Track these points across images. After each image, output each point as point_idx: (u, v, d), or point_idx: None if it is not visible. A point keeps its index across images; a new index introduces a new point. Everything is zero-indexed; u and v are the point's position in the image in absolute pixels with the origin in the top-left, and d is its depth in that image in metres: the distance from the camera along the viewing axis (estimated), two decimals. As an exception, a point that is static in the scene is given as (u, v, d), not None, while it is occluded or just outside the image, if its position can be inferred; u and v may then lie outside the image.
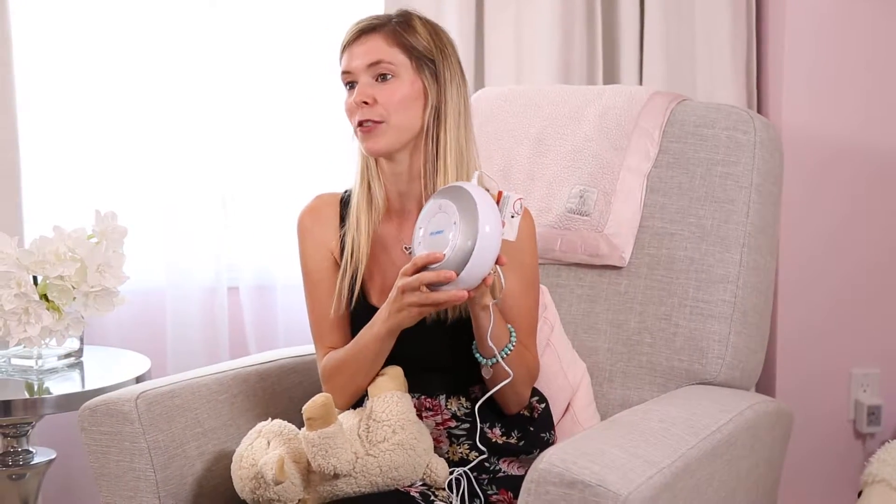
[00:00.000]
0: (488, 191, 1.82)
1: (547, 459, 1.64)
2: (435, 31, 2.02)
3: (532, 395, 2.05)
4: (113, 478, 2.01)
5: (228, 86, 2.97)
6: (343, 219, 2.09)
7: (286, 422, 1.97)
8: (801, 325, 2.92)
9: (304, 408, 1.85)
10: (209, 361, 2.90)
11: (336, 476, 1.87)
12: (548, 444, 2.04)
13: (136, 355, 2.66)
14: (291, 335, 2.98)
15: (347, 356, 1.99)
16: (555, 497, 1.61)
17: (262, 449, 1.90)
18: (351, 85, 1.99)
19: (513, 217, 1.83)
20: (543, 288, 2.21)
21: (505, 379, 1.92)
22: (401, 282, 1.82)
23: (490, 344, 1.87)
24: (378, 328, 1.91)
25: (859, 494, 2.40)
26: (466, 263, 1.74)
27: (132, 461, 1.99)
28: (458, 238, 1.75)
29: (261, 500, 1.89)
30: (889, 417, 3.04)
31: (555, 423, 2.13)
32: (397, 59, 1.97)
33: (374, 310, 1.98)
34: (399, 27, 1.98)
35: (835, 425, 2.98)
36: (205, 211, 2.95)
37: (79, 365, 2.50)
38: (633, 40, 2.98)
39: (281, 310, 3.01)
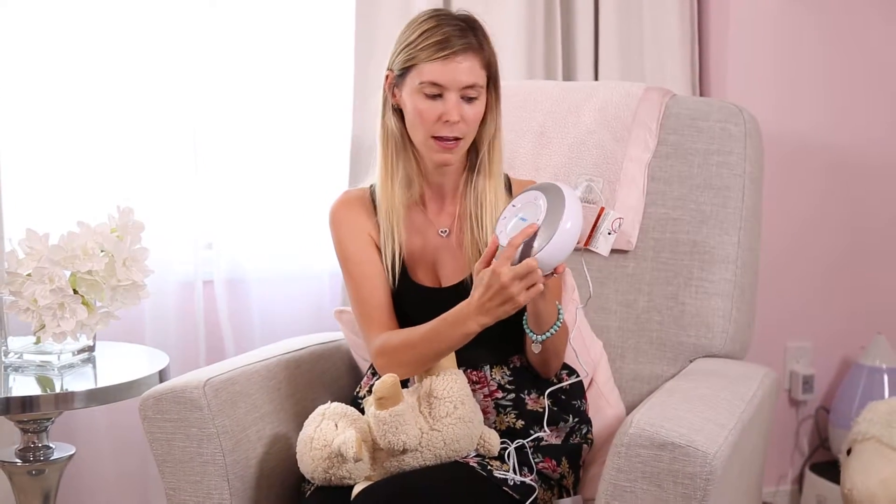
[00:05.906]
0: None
1: (635, 424, 1.77)
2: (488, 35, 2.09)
3: (563, 369, 2.20)
4: (178, 464, 2.05)
5: (212, 80, 2.97)
6: (376, 207, 2.16)
7: (345, 404, 2.06)
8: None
9: (374, 388, 1.94)
10: (186, 355, 2.93)
11: (404, 451, 1.97)
12: (579, 411, 2.19)
13: (143, 348, 2.68)
14: (266, 327, 3.03)
15: (419, 339, 2.02)
16: (646, 458, 1.75)
17: (332, 430, 1.98)
18: (435, 95, 2.02)
19: (609, 234, 1.93)
20: (567, 269, 2.33)
21: (558, 349, 2.08)
22: (508, 274, 1.85)
23: (542, 321, 2.00)
24: (471, 326, 1.93)
25: (848, 452, 2.61)
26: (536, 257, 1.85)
27: (199, 446, 2.03)
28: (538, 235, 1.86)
29: (332, 479, 1.97)
30: (819, 386, 3.31)
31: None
32: (483, 81, 2.04)
33: (422, 287, 2.10)
34: (482, 43, 2.03)
35: (772, 394, 3.22)
36: (186, 205, 2.96)
37: (91, 360, 2.49)
38: (588, 39, 3.15)
39: (255, 303, 3.05)
